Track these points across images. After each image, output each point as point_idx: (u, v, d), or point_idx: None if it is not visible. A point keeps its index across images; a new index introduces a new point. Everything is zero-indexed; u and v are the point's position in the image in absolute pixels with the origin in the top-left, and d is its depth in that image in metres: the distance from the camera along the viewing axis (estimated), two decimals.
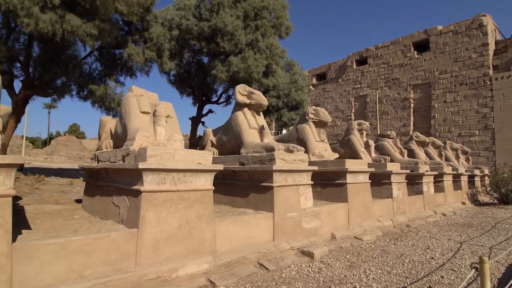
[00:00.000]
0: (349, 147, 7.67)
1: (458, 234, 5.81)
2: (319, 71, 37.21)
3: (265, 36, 9.33)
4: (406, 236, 5.59)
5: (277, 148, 4.32)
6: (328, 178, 5.74)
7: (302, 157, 4.57)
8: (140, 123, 3.68)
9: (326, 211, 4.93)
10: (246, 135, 4.92)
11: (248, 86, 5.27)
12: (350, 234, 5.10)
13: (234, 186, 4.88)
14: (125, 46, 8.58)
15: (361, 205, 5.63)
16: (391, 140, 8.83)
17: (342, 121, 33.18)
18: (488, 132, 23.66)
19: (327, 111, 27.90)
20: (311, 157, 6.06)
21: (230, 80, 9.05)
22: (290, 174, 4.40)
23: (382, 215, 6.25)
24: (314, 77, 37.33)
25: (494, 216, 8.17)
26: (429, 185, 8.22)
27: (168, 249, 3.02)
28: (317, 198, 5.88)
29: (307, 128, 6.35)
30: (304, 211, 4.51)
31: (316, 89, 36.37)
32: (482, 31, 25.47)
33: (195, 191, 3.32)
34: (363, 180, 5.77)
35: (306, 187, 4.63)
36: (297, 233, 4.33)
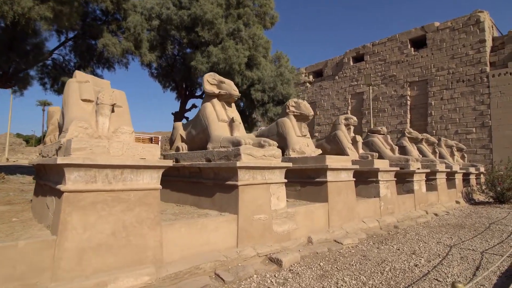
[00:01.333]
0: (335, 143, 7.20)
1: (448, 237, 5.36)
2: (316, 68, 36.73)
3: (248, 26, 8.81)
4: (392, 239, 5.14)
5: (243, 142, 3.84)
6: (308, 176, 5.28)
7: (274, 152, 4.10)
8: (78, 112, 3.19)
9: (302, 212, 4.47)
10: (214, 128, 4.44)
11: (219, 75, 4.79)
12: (329, 238, 4.63)
13: (201, 185, 4.41)
14: (100, 36, 8.06)
15: (343, 205, 5.17)
16: (381, 136, 8.37)
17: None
18: (485, 129, 23.30)
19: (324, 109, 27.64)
20: (291, 153, 5.60)
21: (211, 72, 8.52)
22: (260, 172, 3.93)
23: (368, 215, 5.80)
24: (311, 74, 36.88)
25: (489, 216, 7.74)
26: (421, 184, 7.77)
27: (98, 260, 2.55)
28: (297, 198, 5.42)
29: (288, 122, 5.88)
30: (275, 213, 4.04)
31: (312, 87, 35.94)
32: (479, 27, 25.08)
33: (137, 190, 2.84)
34: (346, 178, 5.30)
35: (279, 185, 4.16)
36: (267, 238, 3.86)
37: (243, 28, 8.52)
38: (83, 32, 8.27)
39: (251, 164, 3.75)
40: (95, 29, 7.88)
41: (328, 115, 33.55)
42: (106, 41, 7.99)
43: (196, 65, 8.52)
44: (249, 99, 9.72)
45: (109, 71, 9.17)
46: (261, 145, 4.19)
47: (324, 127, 32.99)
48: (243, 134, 4.62)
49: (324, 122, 33.89)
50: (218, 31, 8.25)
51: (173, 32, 8.87)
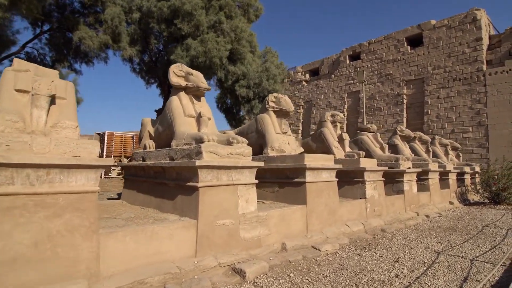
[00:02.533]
0: (321, 141, 6.83)
1: (438, 241, 4.99)
2: (312, 67, 36.40)
3: (231, 18, 8.41)
4: (377, 244, 4.76)
5: (206, 138, 3.45)
6: (286, 176, 4.89)
7: (242, 150, 3.71)
8: (9, 104, 2.79)
9: (276, 216, 4.08)
10: (179, 123, 4.05)
11: (186, 67, 4.40)
12: (307, 243, 4.25)
13: (164, 186, 4.02)
14: (76, 29, 7.64)
15: (324, 207, 4.79)
16: (371, 134, 8.00)
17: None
18: (481, 128, 23.02)
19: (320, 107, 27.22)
20: (270, 152, 5.21)
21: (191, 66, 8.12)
22: (225, 172, 3.54)
23: (352, 218, 5.42)
24: (307, 73, 36.53)
25: (483, 218, 7.38)
26: (411, 184, 7.40)
27: (14, 276, 2.15)
28: (275, 200, 5.04)
29: (267, 118, 5.49)
30: (243, 217, 3.65)
31: (309, 85, 35.61)
32: (475, 25, 24.77)
33: (68, 194, 2.45)
34: (327, 179, 4.92)
35: (249, 187, 3.77)
36: (232, 245, 3.48)
37: (224, 20, 8.09)
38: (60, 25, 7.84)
39: (214, 163, 3.36)
40: (71, 22, 7.46)
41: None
42: (82, 34, 7.58)
43: (176, 59, 8.09)
44: (234, 96, 9.33)
45: (87, 66, 8.79)
46: (229, 142, 3.80)
47: None
48: (212, 131, 4.24)
49: None
50: (198, 23, 7.83)
51: (152, 25, 8.46)
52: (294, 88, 37.52)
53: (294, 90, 37.50)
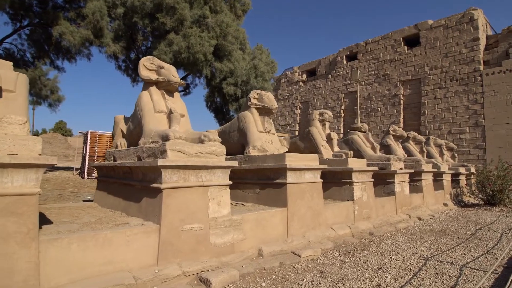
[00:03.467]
0: (308, 140, 6.56)
1: (427, 246, 4.73)
2: (309, 67, 36.24)
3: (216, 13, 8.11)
4: (363, 249, 4.49)
5: (172, 136, 3.18)
6: (267, 177, 4.62)
7: (214, 149, 3.44)
8: None
9: (252, 220, 3.81)
10: (148, 120, 3.78)
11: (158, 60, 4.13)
12: (286, 249, 3.98)
13: (131, 188, 3.74)
14: (56, 23, 7.35)
15: (307, 210, 4.51)
16: (362, 134, 7.74)
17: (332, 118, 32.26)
18: (478, 129, 22.84)
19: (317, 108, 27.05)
20: (251, 151, 4.94)
21: (175, 63, 7.86)
22: (194, 172, 3.27)
23: (338, 221, 5.15)
24: (304, 73, 36.35)
25: (477, 220, 7.13)
26: (403, 185, 7.14)
27: None
28: (256, 202, 4.77)
29: (249, 116, 5.22)
30: (215, 221, 3.37)
31: (306, 86, 35.43)
32: (472, 25, 24.62)
33: (1, 196, 2.17)
34: (311, 180, 4.65)
35: (221, 188, 3.50)
36: (200, 252, 3.20)
37: (209, 14, 7.79)
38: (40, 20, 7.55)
39: (179, 163, 3.08)
40: (51, 16, 7.17)
41: None
42: (62, 29, 7.29)
43: (159, 55, 7.81)
44: (221, 94, 9.05)
45: (70, 63, 8.49)
46: (200, 140, 3.54)
47: None
48: (185, 128, 3.96)
49: None
50: (181, 18, 7.53)
51: (136, 19, 8.14)
52: (291, 88, 37.34)
53: (291, 90, 37.32)
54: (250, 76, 8.81)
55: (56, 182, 7.51)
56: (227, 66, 8.48)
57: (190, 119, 4.20)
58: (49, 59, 7.96)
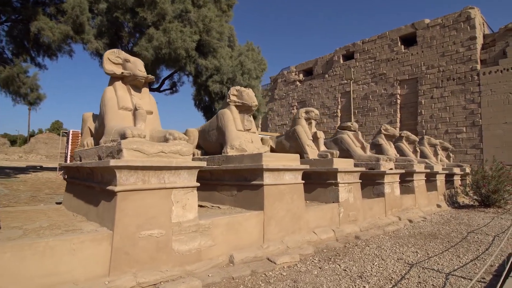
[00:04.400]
0: (294, 139, 6.30)
1: (414, 251, 4.47)
2: (305, 67, 36.05)
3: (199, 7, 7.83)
4: (345, 254, 4.23)
5: (130, 134, 2.91)
6: (244, 178, 4.36)
7: (179, 148, 3.17)
8: None
9: (223, 224, 3.54)
10: (110, 117, 3.51)
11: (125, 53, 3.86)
12: (261, 255, 3.72)
13: (92, 191, 3.47)
14: (34, 19, 7.08)
15: (286, 213, 4.25)
16: (351, 133, 7.49)
17: (329, 118, 32.10)
18: (475, 129, 22.63)
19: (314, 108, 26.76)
20: (229, 151, 4.68)
21: (156, 59, 7.59)
22: (155, 173, 3.00)
23: (322, 225, 4.89)
24: (301, 73, 36.15)
25: (470, 222, 6.88)
26: (393, 186, 6.89)
27: None
28: (233, 205, 4.50)
29: (227, 114, 4.96)
30: (178, 227, 3.11)
31: (303, 85, 35.24)
32: (469, 24, 24.41)
33: None
34: (291, 181, 4.39)
35: (187, 191, 3.23)
36: (161, 260, 2.93)
37: (191, 9, 7.51)
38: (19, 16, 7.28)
39: (137, 163, 2.82)
40: (29, 11, 6.90)
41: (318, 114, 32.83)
42: (41, 24, 7.01)
43: (140, 51, 7.53)
44: (208, 92, 8.78)
45: (51, 60, 8.19)
46: (165, 139, 3.28)
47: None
48: (152, 127, 3.70)
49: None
50: (162, 12, 7.26)
51: (117, 15, 7.85)
52: (287, 88, 37.15)
53: (287, 90, 37.14)
54: (237, 73, 8.52)
55: (34, 183, 7.24)
56: (212, 63, 8.19)
57: (179, 118, 4.10)
58: (29, 56, 7.70)
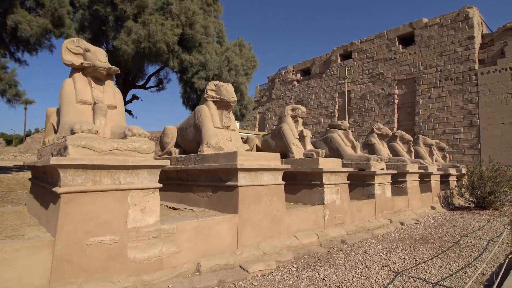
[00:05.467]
0: (279, 138, 6.01)
1: (402, 257, 4.18)
2: (303, 66, 35.82)
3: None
4: (327, 261, 3.94)
5: (79, 129, 2.61)
6: (219, 179, 4.06)
7: (137, 145, 2.88)
8: None
9: (190, 229, 3.24)
10: (66, 111, 3.22)
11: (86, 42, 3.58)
12: (233, 262, 3.42)
13: (44, 192, 3.17)
14: (11, 12, 6.78)
15: (264, 216, 3.95)
16: (342, 132, 7.20)
17: (326, 117, 31.86)
18: (473, 129, 22.35)
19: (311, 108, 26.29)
20: (205, 149, 4.38)
21: (137, 53, 7.27)
22: (108, 173, 2.70)
23: (304, 228, 4.59)
24: (298, 73, 35.91)
25: (464, 225, 6.59)
26: (384, 187, 6.60)
27: None
28: (208, 207, 4.20)
29: (205, 110, 4.66)
30: (136, 232, 2.81)
31: (300, 85, 35.00)
32: (468, 23, 24.12)
33: None
34: (270, 182, 4.09)
35: (147, 193, 2.93)
36: (114, 270, 2.64)
37: (173, 1, 7.20)
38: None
39: (84, 162, 2.52)
40: (6, 4, 6.60)
41: (315, 114, 32.59)
42: (18, 17, 6.72)
43: (120, 45, 7.22)
44: (193, 89, 8.48)
45: (31, 55, 7.87)
46: (124, 135, 2.98)
47: (311, 127, 31.95)
48: (114, 122, 3.40)
49: (311, 121, 32.91)
50: (142, 4, 6.96)
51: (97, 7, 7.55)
52: (285, 88, 36.90)
53: (285, 90, 36.89)
54: (223, 69, 8.20)
55: (9, 183, 6.94)
56: (197, 58, 7.87)
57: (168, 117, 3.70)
58: (8, 50, 7.40)
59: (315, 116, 33.59)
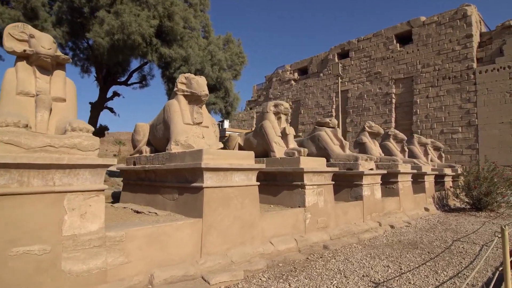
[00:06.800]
0: (261, 136, 5.66)
1: (386, 264, 3.83)
2: (300, 65, 35.50)
3: None
4: (303, 270, 3.58)
5: (3, 123, 2.27)
6: (185, 180, 3.71)
7: (77, 141, 2.53)
8: None
9: (143, 236, 2.89)
10: (4, 104, 2.84)
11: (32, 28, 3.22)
12: (193, 273, 3.06)
13: None
14: None
15: (234, 221, 3.60)
16: (330, 130, 6.85)
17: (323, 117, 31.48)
18: (471, 128, 22.00)
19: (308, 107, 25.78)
20: (173, 147, 4.03)
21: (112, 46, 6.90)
22: (39, 173, 2.35)
23: (282, 233, 4.23)
24: (295, 72, 35.57)
25: (458, 228, 6.24)
26: (374, 188, 6.25)
27: None
28: (174, 210, 3.85)
29: (174, 105, 4.31)
30: (73, 241, 2.46)
31: (297, 84, 34.67)
32: (466, 22, 23.76)
33: None
34: (242, 183, 3.74)
35: (88, 196, 2.58)
36: (44, 285, 2.28)
37: None
38: None
39: (6, 160, 2.17)
40: None
41: (313, 113, 32.25)
42: None
43: (94, 38, 6.86)
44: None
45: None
46: (64, 130, 2.62)
47: (308, 126, 31.62)
48: (62, 116, 3.04)
49: (308, 121, 32.57)
50: None
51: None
52: (282, 87, 36.57)
53: (282, 89, 36.55)
54: (205, 64, 7.82)
55: None
56: (178, 52, 7.48)
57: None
58: None
59: (313, 116, 33.26)
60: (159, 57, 7.59)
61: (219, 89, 8.67)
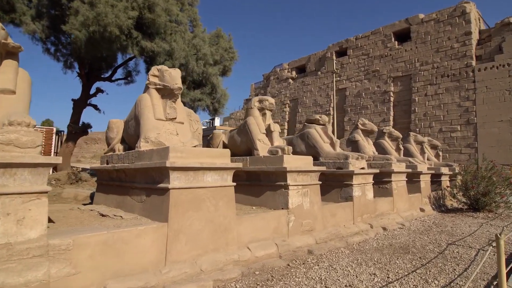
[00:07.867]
0: (245, 133, 5.34)
1: (373, 272, 3.52)
2: (298, 64, 35.20)
3: None
4: (281, 278, 3.28)
5: None
6: (153, 180, 3.40)
7: (14, 136, 2.22)
8: None
9: (96, 243, 2.58)
10: None
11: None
12: (155, 284, 2.75)
13: None
14: None
15: (206, 225, 3.29)
16: (320, 127, 6.54)
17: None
18: (470, 127, 21.68)
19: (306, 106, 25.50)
20: (143, 145, 3.71)
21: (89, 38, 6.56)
22: None
23: (261, 238, 3.93)
24: (293, 70, 35.25)
25: (453, 230, 5.94)
26: (365, 188, 5.94)
27: None
28: (142, 213, 3.54)
29: (145, 99, 3.99)
30: (8, 250, 2.15)
31: (295, 83, 34.36)
32: (465, 19, 23.43)
33: None
34: (215, 183, 3.43)
35: (28, 198, 2.27)
36: None
37: None
38: None
39: None
40: None
41: (311, 112, 31.95)
42: None
43: (70, 30, 6.53)
44: None
45: None
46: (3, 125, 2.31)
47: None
48: (12, 110, 2.73)
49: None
50: None
51: None
52: (280, 85, 36.25)
53: (280, 88, 36.24)
54: (190, 58, 7.49)
55: None
56: (161, 46, 7.14)
57: None
58: None
59: (310, 114, 32.95)
60: (140, 50, 7.25)
61: (205, 85, 8.33)
